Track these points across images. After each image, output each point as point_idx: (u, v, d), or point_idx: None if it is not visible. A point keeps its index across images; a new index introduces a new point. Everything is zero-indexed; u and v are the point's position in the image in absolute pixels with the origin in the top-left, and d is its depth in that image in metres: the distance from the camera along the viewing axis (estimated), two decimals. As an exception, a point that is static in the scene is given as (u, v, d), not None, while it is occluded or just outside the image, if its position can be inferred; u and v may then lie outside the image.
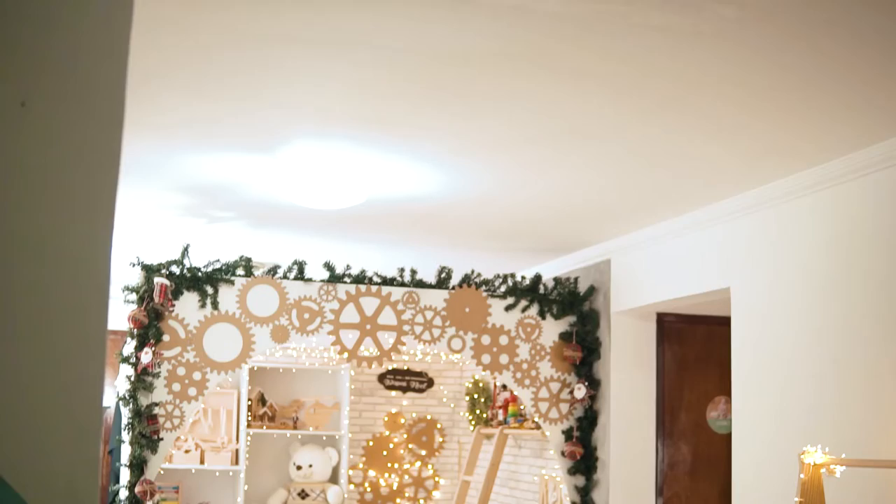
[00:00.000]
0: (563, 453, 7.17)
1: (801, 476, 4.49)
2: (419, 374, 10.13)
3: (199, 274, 6.72)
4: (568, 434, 7.19)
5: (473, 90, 4.18)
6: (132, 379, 6.49)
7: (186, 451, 9.14)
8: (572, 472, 7.15)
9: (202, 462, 9.19)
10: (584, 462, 7.14)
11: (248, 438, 9.36)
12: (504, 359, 7.15)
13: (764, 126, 4.51)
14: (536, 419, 7.30)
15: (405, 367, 10.09)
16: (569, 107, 4.37)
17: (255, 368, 9.50)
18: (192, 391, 6.64)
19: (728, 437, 5.82)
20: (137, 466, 6.47)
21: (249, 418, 9.35)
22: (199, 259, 6.81)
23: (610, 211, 6.25)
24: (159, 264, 6.65)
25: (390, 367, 10.02)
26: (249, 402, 9.37)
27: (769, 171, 5.18)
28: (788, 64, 3.78)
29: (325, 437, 9.68)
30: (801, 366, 5.14)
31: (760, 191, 5.45)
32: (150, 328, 6.53)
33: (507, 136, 4.80)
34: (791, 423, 5.18)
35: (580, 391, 7.10)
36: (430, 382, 10.15)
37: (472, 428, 9.18)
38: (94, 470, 1.43)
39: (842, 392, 4.88)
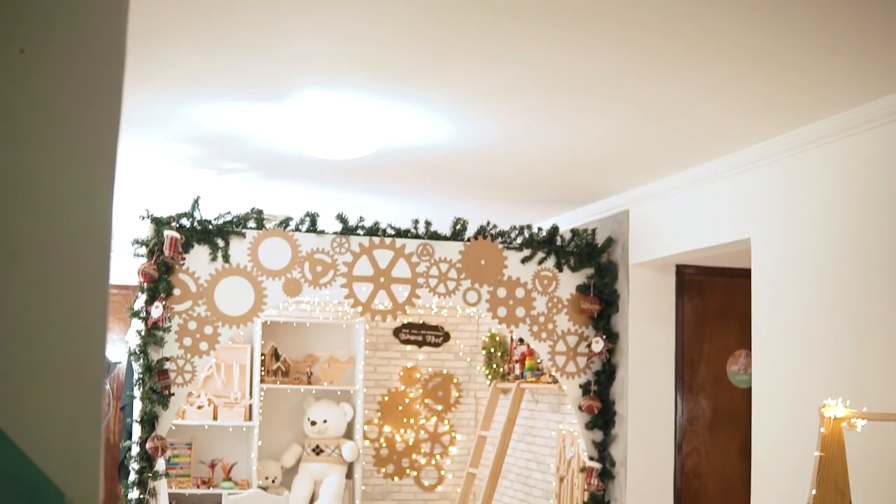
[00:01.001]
0: (580, 408, 7.20)
1: (822, 430, 4.52)
2: (435, 328, 10.18)
3: (210, 227, 6.75)
4: (585, 388, 7.22)
5: (485, 38, 4.17)
6: (142, 334, 6.54)
7: (199, 407, 9.22)
8: (590, 426, 7.19)
9: (215, 418, 9.28)
10: (602, 416, 7.17)
11: (262, 394, 9.44)
12: (520, 312, 7.17)
13: (783, 77, 4.51)
14: (553, 373, 7.33)
15: (420, 321, 10.14)
16: (582, 58, 4.36)
17: (269, 323, 9.56)
18: (204, 346, 6.69)
19: (748, 392, 5.84)
20: (148, 422, 6.53)
21: (263, 373, 9.42)
22: (210, 211, 6.83)
23: (628, 161, 6.25)
24: (169, 217, 6.68)
25: (405, 321, 10.07)
26: (263, 357, 9.44)
27: (788, 120, 5.18)
28: (802, 22, 3.78)
29: (339, 393, 9.76)
30: (822, 318, 5.15)
31: (780, 139, 5.44)
32: (160, 282, 6.57)
33: (520, 86, 4.80)
34: (812, 377, 5.20)
35: (598, 345, 7.13)
36: (446, 336, 10.20)
37: (488, 383, 9.23)
38: (96, 423, 1.45)
39: (863, 345, 4.89)
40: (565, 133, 5.63)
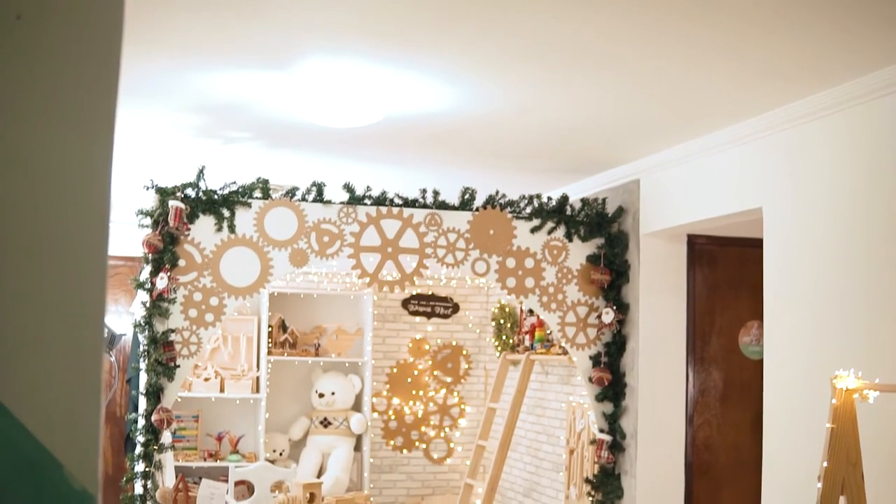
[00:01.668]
0: (590, 379, 7.22)
1: (833, 401, 4.52)
2: (444, 299, 10.19)
3: (215, 197, 6.76)
4: (595, 360, 7.24)
5: (492, 6, 4.16)
6: (147, 305, 6.56)
7: (206, 380, 9.26)
8: (600, 398, 7.21)
9: (222, 390, 9.32)
10: (612, 388, 7.19)
11: (269, 366, 9.47)
12: (530, 282, 7.18)
13: (793, 45, 4.49)
14: (563, 344, 7.35)
15: (430, 293, 10.16)
16: (589, 27, 4.35)
17: (276, 294, 9.58)
18: (209, 317, 6.71)
19: (761, 363, 5.84)
20: (154, 394, 6.55)
21: (270, 345, 9.45)
22: (215, 181, 6.84)
23: (638, 129, 6.24)
24: (174, 187, 6.68)
25: (414, 293, 10.08)
26: (270, 329, 9.46)
27: (800, 88, 5.16)
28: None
29: (347, 364, 9.79)
30: (834, 288, 5.15)
31: (792, 108, 5.43)
32: (165, 253, 6.58)
33: (527, 54, 4.79)
34: (824, 348, 5.21)
35: (608, 315, 7.13)
36: (456, 308, 10.22)
37: (498, 354, 9.25)
38: (95, 394, 1.45)
39: (875, 315, 4.89)
40: (574, 102, 5.62)
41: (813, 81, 5.06)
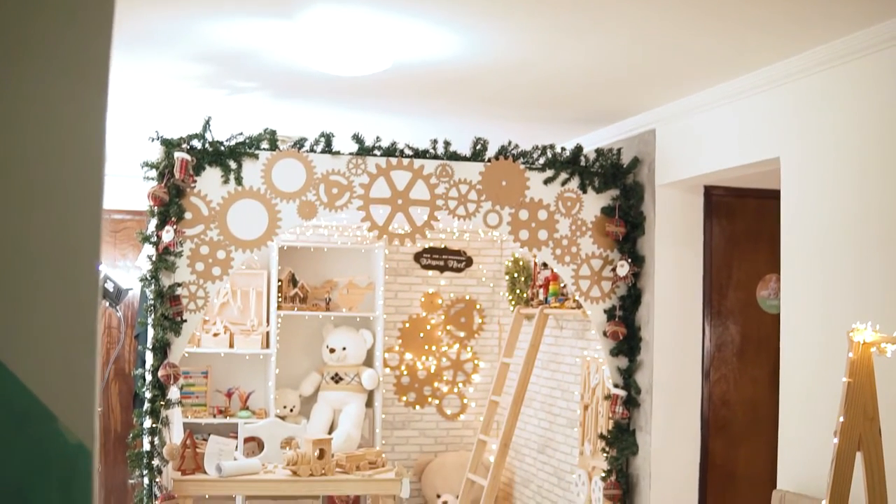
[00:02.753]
0: (605, 333, 7.23)
1: (850, 355, 4.53)
2: (457, 252, 10.20)
3: (222, 148, 6.77)
4: (610, 313, 7.25)
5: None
6: (153, 259, 6.59)
7: (215, 335, 9.31)
8: (615, 353, 7.22)
9: (231, 346, 9.37)
10: (627, 343, 7.20)
11: (279, 321, 9.52)
12: (543, 235, 7.18)
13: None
14: (577, 298, 7.36)
15: (442, 246, 10.17)
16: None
17: (285, 248, 9.61)
18: (217, 270, 6.73)
19: (779, 317, 5.84)
20: (160, 350, 6.60)
21: (280, 300, 9.48)
22: (222, 133, 6.84)
23: (654, 78, 6.21)
24: (179, 139, 6.69)
25: (426, 246, 10.09)
26: (280, 283, 9.50)
27: (817, 35, 5.13)
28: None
29: (358, 319, 9.82)
30: (852, 240, 5.14)
31: (809, 55, 5.40)
32: (171, 205, 6.60)
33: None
34: (841, 301, 5.20)
35: (623, 268, 7.13)
36: (469, 261, 10.23)
37: (511, 308, 9.27)
38: (91, 347, 1.47)
39: (894, 268, 4.89)
40: (588, 50, 5.60)
41: (831, 28, 5.03)
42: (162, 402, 6.59)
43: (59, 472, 1.45)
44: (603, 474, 7.36)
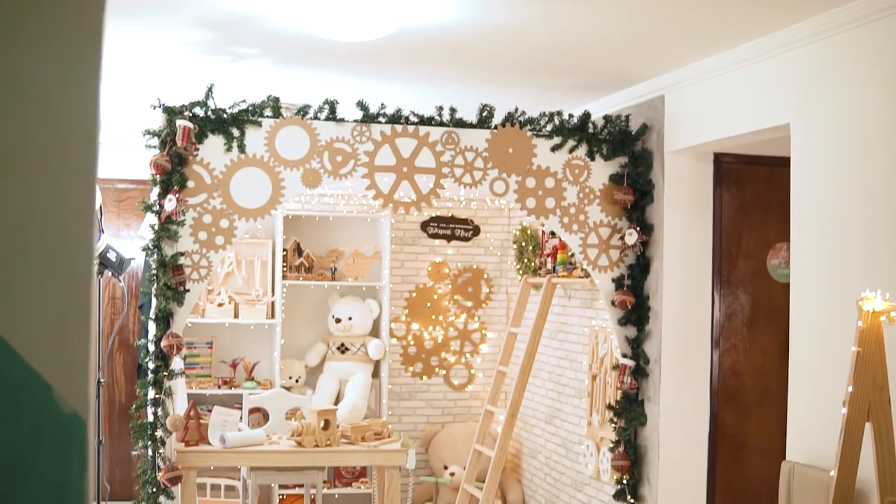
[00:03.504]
0: (613, 303, 7.24)
1: (860, 324, 4.54)
2: (464, 221, 10.20)
3: (225, 116, 6.76)
4: (618, 282, 7.25)
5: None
6: (156, 228, 6.61)
7: (220, 305, 9.34)
8: (623, 322, 7.23)
9: (236, 316, 9.40)
10: (636, 312, 7.21)
11: (284, 290, 9.55)
12: (550, 203, 7.18)
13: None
14: (585, 267, 7.36)
15: (449, 214, 10.17)
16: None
17: (290, 217, 9.62)
18: (220, 239, 6.75)
19: (790, 286, 5.85)
20: (163, 320, 6.62)
21: (285, 269, 9.51)
22: (224, 100, 6.84)
23: (662, 43, 6.19)
24: (182, 106, 6.69)
25: (433, 215, 10.10)
26: (285, 253, 9.51)
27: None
28: None
29: (365, 289, 9.84)
30: (863, 208, 5.13)
31: (819, 19, 5.38)
32: (173, 174, 6.60)
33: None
34: (850, 269, 5.20)
35: (631, 237, 7.13)
36: (476, 230, 10.24)
37: (519, 278, 9.28)
38: (86, 316, 1.47)
39: (905, 234, 4.88)
40: (595, 14, 5.58)
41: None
42: (165, 373, 6.62)
43: (54, 442, 1.45)
44: (611, 445, 7.38)
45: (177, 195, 6.57)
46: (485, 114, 7.10)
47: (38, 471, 1.44)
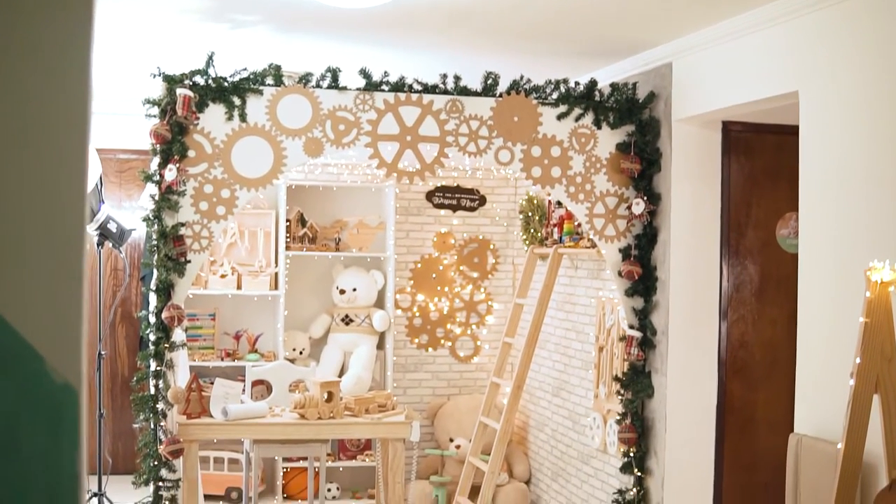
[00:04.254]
0: (619, 273, 7.24)
1: (868, 294, 4.54)
2: (470, 191, 10.20)
3: (225, 84, 6.76)
4: (625, 252, 7.26)
5: None
6: (156, 198, 6.62)
7: (222, 276, 9.36)
8: (630, 293, 7.24)
9: (239, 287, 9.42)
10: (643, 282, 7.22)
11: (288, 261, 9.56)
12: (556, 172, 7.18)
13: None
14: (591, 237, 7.37)
15: (455, 184, 10.17)
16: None
17: (294, 187, 9.63)
18: (221, 210, 6.76)
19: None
20: (164, 291, 6.63)
21: (288, 240, 9.52)
22: (225, 68, 6.84)
23: (671, 9, 6.17)
24: (182, 75, 6.69)
25: (439, 184, 10.10)
26: (288, 223, 9.52)
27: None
28: None
29: (369, 260, 9.85)
30: (872, 177, 5.12)
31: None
32: (173, 143, 6.61)
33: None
34: (860, 239, 5.20)
35: (638, 206, 7.13)
36: (482, 200, 10.24)
37: (526, 248, 9.28)
38: (78, 285, 1.48)
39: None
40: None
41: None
42: (166, 345, 6.65)
43: (46, 413, 1.47)
44: (618, 417, 7.41)
45: (177, 165, 6.58)
46: (489, 81, 7.09)
47: (31, 441, 1.46)
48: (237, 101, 6.76)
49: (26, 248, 1.45)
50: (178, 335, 6.78)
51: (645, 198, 7.12)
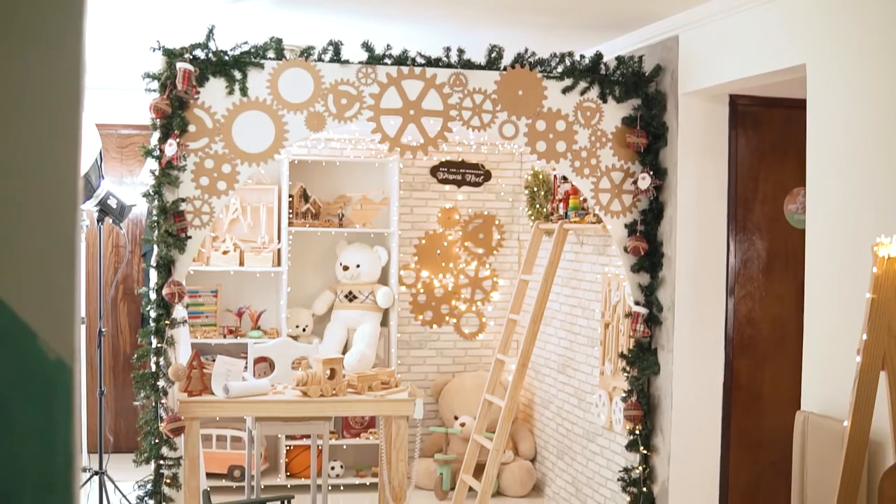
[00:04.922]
0: (625, 249, 7.24)
1: (874, 270, 4.54)
2: (475, 166, 10.20)
3: (226, 58, 6.75)
4: (631, 228, 7.25)
5: None
6: (156, 174, 6.62)
7: (224, 253, 9.38)
8: (636, 269, 7.24)
9: (241, 264, 9.44)
10: (649, 258, 7.21)
11: (290, 237, 9.58)
12: (561, 146, 7.17)
13: None
14: (597, 212, 7.37)
15: (459, 159, 10.17)
16: None
17: (296, 162, 9.63)
18: (222, 185, 6.76)
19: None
20: (165, 267, 6.64)
21: (291, 216, 9.53)
22: (226, 42, 6.83)
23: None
24: (182, 48, 6.68)
25: (443, 160, 10.10)
26: (291, 199, 9.53)
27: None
28: None
29: (373, 235, 9.87)
30: (880, 151, 5.11)
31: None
32: (173, 118, 6.61)
33: None
34: (867, 214, 5.19)
35: (644, 181, 7.13)
36: (487, 175, 10.24)
37: (531, 224, 9.29)
38: (72, 261, 1.48)
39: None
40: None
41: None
42: (167, 322, 6.66)
43: (38, 389, 1.46)
44: (624, 394, 7.42)
45: (177, 140, 6.58)
46: (493, 55, 7.08)
47: (23, 418, 1.46)
48: (238, 74, 6.76)
49: (18, 224, 1.44)
50: (180, 312, 6.79)
51: (651, 172, 7.11)
